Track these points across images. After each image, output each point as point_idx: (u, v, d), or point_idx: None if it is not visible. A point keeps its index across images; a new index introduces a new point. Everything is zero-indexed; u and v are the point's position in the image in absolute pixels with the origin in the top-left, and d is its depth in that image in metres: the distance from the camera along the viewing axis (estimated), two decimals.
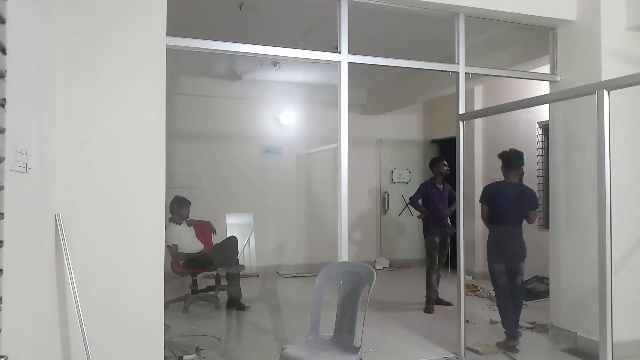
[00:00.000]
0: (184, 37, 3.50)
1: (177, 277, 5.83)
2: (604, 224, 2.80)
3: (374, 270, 3.17)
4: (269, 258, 7.81)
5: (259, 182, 7.71)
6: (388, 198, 8.72)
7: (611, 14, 4.14)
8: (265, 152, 7.97)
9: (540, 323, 4.92)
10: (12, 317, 1.99)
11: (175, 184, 6.31)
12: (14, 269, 2.04)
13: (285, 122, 8.12)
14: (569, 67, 4.46)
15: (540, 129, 6.71)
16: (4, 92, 1.90)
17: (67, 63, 2.99)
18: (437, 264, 5.78)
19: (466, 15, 4.25)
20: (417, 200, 5.95)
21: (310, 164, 8.28)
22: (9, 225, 1.94)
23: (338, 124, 3.91)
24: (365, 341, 3.32)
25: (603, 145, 2.81)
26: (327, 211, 7.55)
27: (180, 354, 3.99)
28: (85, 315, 2.90)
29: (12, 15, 1.95)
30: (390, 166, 8.80)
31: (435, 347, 4.33)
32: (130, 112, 3.15)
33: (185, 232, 5.74)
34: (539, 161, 6.73)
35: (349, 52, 3.91)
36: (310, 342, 3.13)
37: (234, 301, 5.63)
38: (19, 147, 2.09)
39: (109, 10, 3.11)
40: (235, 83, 7.42)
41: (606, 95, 2.81)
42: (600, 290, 2.81)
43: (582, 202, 4.22)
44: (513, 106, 5.51)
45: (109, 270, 3.06)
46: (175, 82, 7.13)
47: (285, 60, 6.03)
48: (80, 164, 3.02)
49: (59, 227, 2.89)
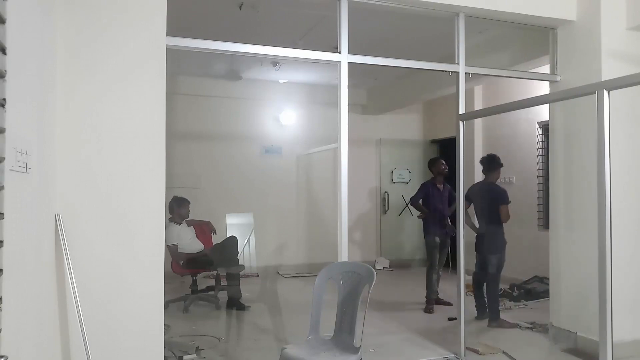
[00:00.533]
0: (184, 37, 3.50)
1: (177, 277, 5.83)
2: (604, 224, 2.80)
3: (374, 270, 3.16)
4: (269, 258, 7.81)
5: (259, 182, 7.72)
6: (388, 198, 8.72)
7: (611, 14, 4.13)
8: (265, 152, 7.97)
9: (540, 323, 4.92)
10: (12, 317, 1.99)
11: (175, 184, 6.32)
12: (14, 269, 2.04)
13: (285, 122, 8.12)
14: (569, 67, 4.46)
15: (540, 129, 6.71)
16: (4, 92, 1.89)
17: (67, 63, 2.99)
18: (437, 264, 5.78)
19: (466, 15, 4.25)
20: (418, 201, 5.95)
21: (310, 164, 8.28)
22: (9, 225, 1.94)
23: (338, 124, 3.91)
24: (365, 341, 3.32)
25: (603, 145, 2.81)
26: (327, 211, 7.56)
27: (180, 354, 3.99)
28: (85, 315, 2.90)
29: (12, 15, 1.95)
30: (390, 166, 8.80)
31: (435, 347, 4.33)
32: (130, 112, 3.15)
33: (185, 232, 5.74)
34: (539, 161, 6.73)
35: (349, 52, 3.91)
36: (310, 342, 3.13)
37: (234, 301, 5.63)
38: (19, 147, 2.09)
39: (109, 10, 3.11)
40: (235, 83, 7.43)
41: (606, 95, 2.81)
42: (600, 290, 2.81)
43: (582, 202, 4.22)
44: (513, 106, 5.52)
45: (109, 270, 3.06)
46: (175, 82, 7.13)
47: (285, 60, 6.03)
48: (80, 164, 3.02)
49: (59, 227, 2.89)
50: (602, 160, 2.81)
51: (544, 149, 6.49)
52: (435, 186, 5.91)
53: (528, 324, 4.97)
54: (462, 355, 4.05)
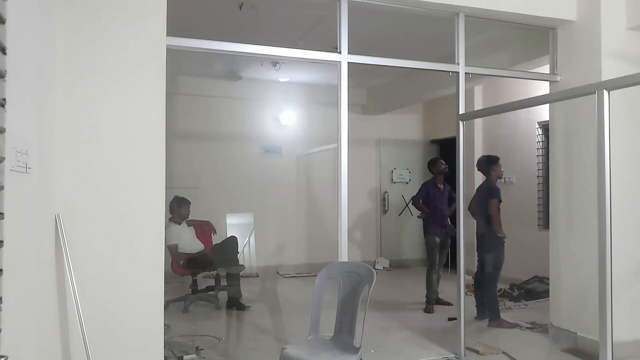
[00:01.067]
0: (184, 37, 3.50)
1: (177, 277, 5.83)
2: (604, 224, 2.80)
3: (374, 270, 3.16)
4: (269, 258, 7.81)
5: (259, 182, 7.71)
6: (388, 198, 8.72)
7: (611, 14, 4.13)
8: (265, 152, 7.97)
9: (540, 323, 4.92)
10: (12, 317, 1.99)
11: (175, 184, 6.32)
12: (14, 269, 2.04)
13: (285, 122, 8.12)
14: (569, 67, 4.46)
15: (540, 129, 6.71)
16: (4, 92, 1.89)
17: (67, 63, 2.99)
18: (437, 264, 5.78)
19: (466, 15, 4.25)
20: (419, 201, 5.95)
21: (310, 164, 8.28)
22: (9, 225, 1.94)
23: (338, 124, 3.91)
24: (365, 341, 3.31)
25: (603, 145, 2.81)
26: (327, 211, 7.55)
27: (180, 354, 3.99)
28: (85, 315, 2.90)
29: (12, 15, 1.95)
30: (390, 166, 8.80)
31: (435, 347, 4.33)
32: (130, 112, 3.15)
33: (185, 232, 5.74)
34: (539, 161, 6.73)
35: (349, 52, 3.91)
36: (310, 342, 3.13)
37: (234, 301, 5.63)
38: (19, 147, 2.09)
39: (109, 10, 3.11)
40: (235, 83, 7.42)
41: (606, 95, 2.81)
42: (600, 290, 2.81)
43: (582, 202, 4.22)
44: (513, 106, 5.52)
45: (109, 270, 3.06)
46: (175, 82, 7.13)
47: (285, 60, 6.03)
48: (80, 164, 3.02)
49: (59, 227, 2.89)
50: (602, 160, 2.81)
51: (544, 149, 6.49)
52: (435, 186, 5.91)
53: (528, 324, 4.97)
54: (462, 355, 4.05)
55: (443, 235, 5.81)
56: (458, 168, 4.15)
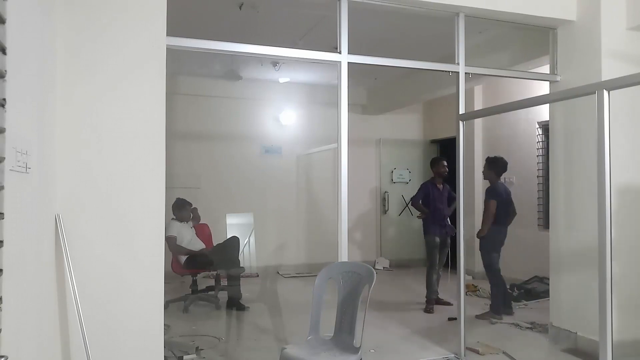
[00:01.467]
0: (184, 37, 3.50)
1: (177, 277, 5.83)
2: (604, 224, 2.80)
3: (374, 270, 3.16)
4: (269, 258, 7.81)
5: (259, 182, 7.72)
6: (388, 198, 8.72)
7: (611, 14, 4.13)
8: (265, 152, 7.97)
9: (540, 323, 4.92)
10: (12, 317, 1.99)
11: (175, 184, 6.33)
12: (14, 269, 2.04)
13: (285, 122, 8.12)
14: (569, 67, 4.46)
15: (540, 129, 6.71)
16: (4, 92, 1.89)
17: (67, 63, 2.99)
18: (437, 264, 5.78)
19: (466, 15, 4.25)
20: (419, 201, 5.95)
21: (310, 164, 8.28)
22: (9, 225, 1.94)
23: (338, 124, 3.91)
24: (365, 341, 3.32)
25: (603, 145, 2.81)
26: (327, 211, 7.56)
27: (180, 354, 3.99)
28: (85, 315, 2.89)
29: (12, 15, 1.95)
30: (390, 166, 8.81)
31: (435, 347, 4.33)
32: (130, 112, 3.15)
33: (187, 230, 5.75)
34: (539, 161, 6.73)
35: (349, 52, 3.91)
36: (310, 342, 3.13)
37: (234, 301, 5.63)
38: (19, 147, 2.09)
39: (109, 10, 3.10)
40: (235, 83, 7.42)
41: (606, 95, 2.81)
42: (600, 290, 2.81)
43: (582, 202, 4.22)
44: (513, 106, 5.52)
45: (109, 270, 3.06)
46: (175, 82, 7.13)
47: (285, 60, 6.03)
48: (80, 164, 3.02)
49: (59, 227, 2.89)
50: (602, 160, 2.81)
51: (544, 149, 6.49)
52: (435, 186, 5.92)
53: (528, 324, 4.97)
54: (462, 355, 4.05)
55: (443, 235, 5.81)
56: (458, 168, 4.15)
